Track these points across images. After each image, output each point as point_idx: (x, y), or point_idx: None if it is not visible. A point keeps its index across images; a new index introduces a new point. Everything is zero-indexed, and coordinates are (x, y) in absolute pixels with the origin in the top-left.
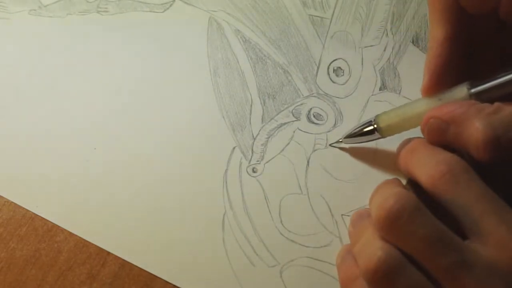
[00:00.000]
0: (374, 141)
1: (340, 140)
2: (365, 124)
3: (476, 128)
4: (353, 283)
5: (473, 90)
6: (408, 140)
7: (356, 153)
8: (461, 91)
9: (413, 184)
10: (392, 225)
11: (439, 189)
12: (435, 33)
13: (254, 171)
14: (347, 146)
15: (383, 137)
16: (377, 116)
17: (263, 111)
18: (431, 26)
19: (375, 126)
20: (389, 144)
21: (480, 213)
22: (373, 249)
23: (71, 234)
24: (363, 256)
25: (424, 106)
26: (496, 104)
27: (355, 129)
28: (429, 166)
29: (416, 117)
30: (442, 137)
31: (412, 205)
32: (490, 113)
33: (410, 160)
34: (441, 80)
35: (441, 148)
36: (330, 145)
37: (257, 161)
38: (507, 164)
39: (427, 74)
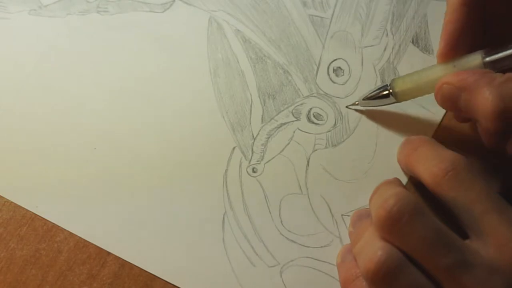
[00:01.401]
0: (374, 142)
1: (356, 102)
2: (381, 88)
3: (486, 97)
4: (353, 283)
5: (487, 59)
6: (411, 138)
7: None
8: (476, 58)
9: (415, 183)
10: (392, 226)
11: (442, 187)
12: None
13: (254, 171)
14: (363, 108)
15: (398, 101)
16: (392, 80)
17: (263, 111)
18: None
19: (391, 90)
20: (390, 142)
21: (481, 212)
22: (373, 249)
23: (71, 234)
24: (363, 256)
25: (439, 72)
26: (508, 74)
27: (372, 92)
28: (432, 164)
29: (430, 83)
30: (454, 103)
31: (412, 206)
32: (501, 83)
33: (412, 158)
34: (456, 46)
35: (444, 146)
36: (346, 106)
37: (257, 161)
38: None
39: (442, 40)
